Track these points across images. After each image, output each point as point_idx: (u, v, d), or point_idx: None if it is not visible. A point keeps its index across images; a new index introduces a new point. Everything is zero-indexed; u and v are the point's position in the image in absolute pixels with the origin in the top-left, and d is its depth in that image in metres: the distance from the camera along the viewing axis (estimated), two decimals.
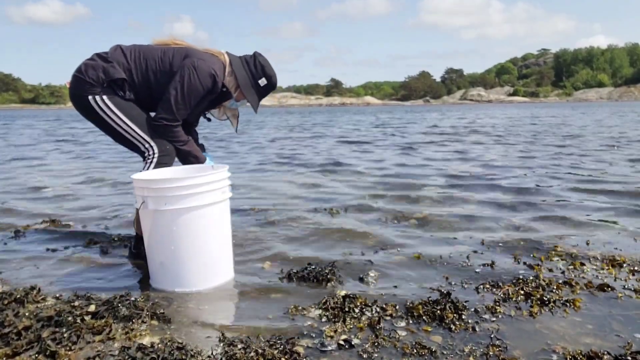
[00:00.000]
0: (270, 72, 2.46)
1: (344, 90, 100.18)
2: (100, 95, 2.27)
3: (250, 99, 2.44)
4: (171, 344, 1.54)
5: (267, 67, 2.44)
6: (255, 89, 2.44)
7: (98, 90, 2.27)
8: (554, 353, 1.53)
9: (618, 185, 4.40)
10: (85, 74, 2.27)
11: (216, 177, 2.07)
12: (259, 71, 2.43)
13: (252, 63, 2.44)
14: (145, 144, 2.34)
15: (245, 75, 2.42)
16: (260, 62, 2.44)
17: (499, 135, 11.02)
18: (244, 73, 2.42)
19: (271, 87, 2.48)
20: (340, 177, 5.27)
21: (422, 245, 2.70)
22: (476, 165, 6.09)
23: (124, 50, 2.34)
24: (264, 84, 2.45)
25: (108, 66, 2.27)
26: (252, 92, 2.43)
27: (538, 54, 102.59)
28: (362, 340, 1.61)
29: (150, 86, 2.32)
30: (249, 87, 2.42)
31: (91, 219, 3.41)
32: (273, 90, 2.53)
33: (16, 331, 1.61)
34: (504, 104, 69.13)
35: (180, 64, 2.30)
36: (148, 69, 2.31)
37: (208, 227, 2.08)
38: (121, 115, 2.29)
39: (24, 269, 2.39)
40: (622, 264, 2.33)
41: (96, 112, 2.30)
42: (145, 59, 2.32)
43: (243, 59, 2.46)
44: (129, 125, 2.31)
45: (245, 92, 2.42)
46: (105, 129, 2.37)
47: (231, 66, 2.41)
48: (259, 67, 2.43)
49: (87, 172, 5.85)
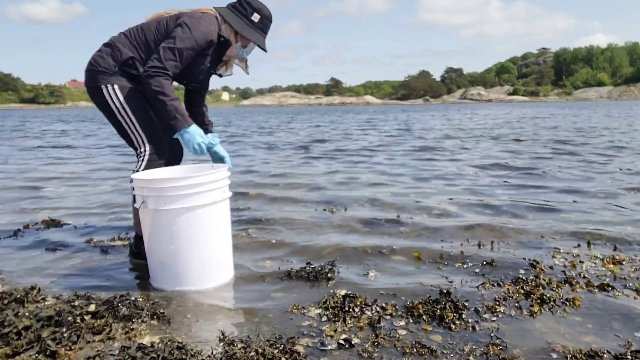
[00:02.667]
0: (258, 5, 2.49)
1: (344, 89, 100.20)
2: (112, 85, 2.33)
3: (253, 38, 2.48)
4: (171, 343, 1.54)
5: (253, 2, 2.48)
6: (252, 27, 2.48)
7: (112, 79, 2.34)
8: (554, 352, 1.53)
9: (617, 186, 4.40)
10: (97, 65, 2.35)
11: (216, 176, 2.07)
12: (247, 9, 2.48)
13: (239, 5, 2.49)
14: (139, 140, 2.36)
15: (237, 19, 2.47)
16: (246, 0, 2.48)
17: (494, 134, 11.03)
18: (235, 17, 2.47)
19: (266, 18, 2.51)
20: (339, 177, 5.26)
21: (422, 245, 2.69)
22: (475, 165, 6.09)
23: (125, 32, 2.43)
24: (258, 18, 2.48)
25: (114, 51, 2.35)
26: (251, 31, 2.48)
27: (538, 53, 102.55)
28: (362, 340, 1.61)
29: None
30: (246, 27, 2.47)
31: (91, 218, 3.41)
32: (270, 21, 2.55)
33: (16, 331, 1.61)
34: (503, 104, 69.11)
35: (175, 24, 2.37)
36: (148, 42, 2.38)
37: (208, 226, 2.08)
38: (127, 108, 2.33)
39: (23, 269, 2.39)
40: (622, 262, 2.33)
41: (107, 102, 2.35)
42: (144, 33, 2.39)
43: (229, 6, 2.51)
44: (130, 119, 2.34)
45: (244, 33, 2.46)
46: (111, 119, 2.41)
47: (221, 15, 2.46)
48: (246, 5, 2.48)
49: (88, 172, 5.85)
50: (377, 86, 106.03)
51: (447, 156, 7.06)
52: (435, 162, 6.38)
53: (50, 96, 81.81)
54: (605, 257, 2.40)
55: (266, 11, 2.51)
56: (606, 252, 2.50)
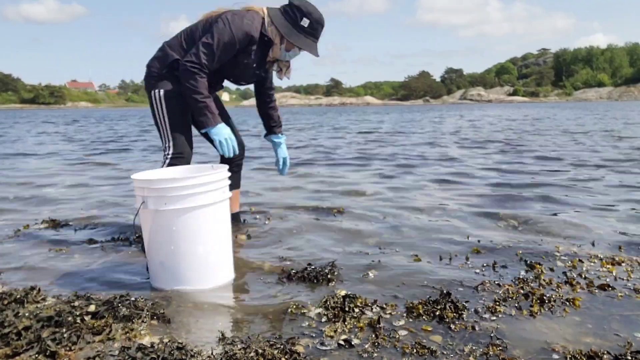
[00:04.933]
0: (308, 9, 2.48)
1: (344, 89, 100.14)
2: (159, 90, 2.49)
3: (299, 43, 2.48)
4: (171, 344, 1.54)
5: (303, 7, 2.47)
6: (300, 32, 2.47)
7: (159, 85, 2.49)
8: (554, 352, 1.53)
9: (618, 185, 4.40)
10: (149, 69, 2.53)
11: (216, 177, 2.07)
12: (296, 13, 2.47)
13: (289, 9, 2.49)
14: (167, 143, 2.51)
15: (284, 23, 2.47)
16: (296, 5, 2.48)
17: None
18: (283, 21, 2.47)
19: (316, 22, 2.49)
20: (339, 178, 5.26)
21: (422, 245, 2.69)
22: (473, 165, 6.09)
23: (178, 34, 2.54)
24: (307, 23, 2.47)
25: (162, 54, 2.50)
26: (297, 36, 2.47)
27: (538, 54, 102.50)
28: (362, 340, 1.61)
29: None
30: (292, 31, 2.47)
31: (91, 218, 3.41)
32: (322, 26, 2.53)
33: (16, 331, 1.61)
34: (504, 104, 69.12)
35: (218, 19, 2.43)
36: (195, 41, 2.44)
37: (208, 227, 2.08)
38: (165, 112, 2.49)
39: (23, 269, 2.39)
40: (622, 263, 2.33)
41: (152, 105, 2.53)
42: (192, 32, 2.49)
43: (281, 9, 2.52)
44: (165, 122, 2.51)
45: (291, 38, 2.47)
46: (153, 119, 2.58)
47: (270, 17, 2.48)
48: (296, 9, 2.47)
49: (88, 172, 5.86)
50: (377, 87, 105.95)
51: (448, 157, 7.06)
52: (435, 163, 6.38)
53: (50, 96, 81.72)
54: (605, 258, 2.40)
55: (316, 15, 2.49)
56: (606, 253, 2.50)
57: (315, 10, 2.49)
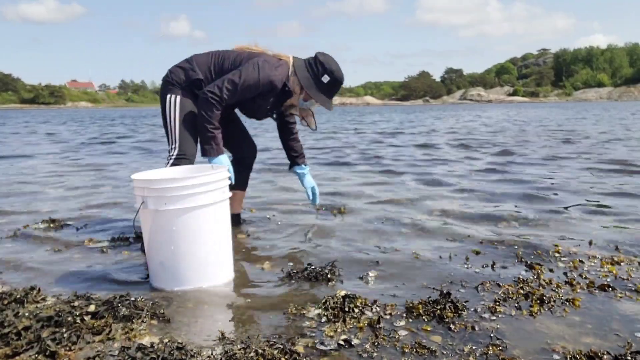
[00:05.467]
0: (331, 67, 2.58)
1: (344, 90, 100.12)
2: (176, 96, 2.58)
3: (316, 97, 2.60)
4: (171, 344, 1.54)
5: (326, 64, 2.58)
6: (318, 87, 2.59)
7: (177, 91, 2.59)
8: (554, 352, 1.53)
9: (618, 185, 4.40)
10: (170, 76, 2.62)
11: (216, 177, 2.07)
12: (319, 69, 2.57)
13: (314, 63, 2.59)
14: (174, 144, 2.58)
15: (306, 76, 2.58)
16: (320, 60, 2.59)
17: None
18: (306, 74, 2.59)
19: (335, 81, 2.60)
20: (338, 178, 5.26)
21: (422, 245, 2.69)
22: (473, 166, 6.09)
23: (210, 54, 2.65)
24: (327, 80, 2.59)
25: (189, 69, 2.59)
26: (315, 90, 2.59)
27: (538, 54, 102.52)
28: (362, 340, 1.61)
29: None
30: (312, 85, 2.58)
31: (91, 218, 3.41)
32: (340, 84, 2.65)
33: (16, 331, 1.61)
34: (504, 104, 69.12)
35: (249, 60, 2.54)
36: (223, 70, 2.57)
37: (208, 227, 2.08)
38: (177, 115, 2.57)
39: (23, 269, 2.39)
40: (621, 263, 2.33)
41: (165, 108, 2.61)
42: (222, 60, 2.59)
43: (306, 61, 2.64)
44: (175, 123, 2.58)
45: (310, 91, 2.59)
46: (163, 121, 2.66)
47: (294, 67, 2.59)
48: (319, 65, 2.58)
49: (88, 173, 5.85)
50: (377, 87, 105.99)
51: (448, 158, 7.06)
52: (435, 163, 6.39)
53: (50, 96, 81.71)
54: (605, 258, 2.40)
55: (338, 74, 2.60)
56: (606, 253, 2.50)
57: (337, 69, 2.61)
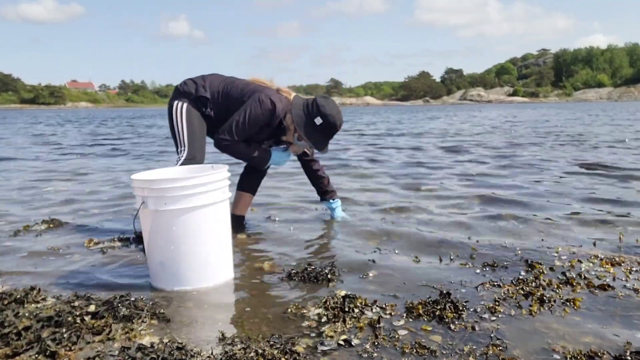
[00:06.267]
0: (327, 110, 2.62)
1: (344, 90, 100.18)
2: (184, 104, 2.71)
3: (307, 137, 2.64)
4: (171, 344, 1.54)
5: (322, 107, 2.62)
6: (309, 128, 2.63)
7: (185, 100, 2.72)
8: (554, 352, 1.53)
9: (619, 185, 4.40)
10: (182, 87, 2.75)
11: (216, 177, 2.07)
12: (314, 110, 2.62)
13: (311, 103, 2.64)
14: (182, 147, 2.67)
15: (300, 115, 2.63)
16: (317, 102, 2.64)
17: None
18: (300, 112, 2.64)
19: (328, 124, 2.63)
20: (338, 178, 5.26)
21: (422, 245, 2.69)
22: (473, 167, 6.09)
23: (223, 78, 2.79)
24: (319, 122, 2.62)
25: (199, 85, 2.72)
26: (306, 131, 2.63)
27: (538, 54, 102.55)
28: (362, 340, 1.61)
29: (228, 109, 2.69)
30: (303, 125, 2.62)
31: (91, 218, 3.41)
32: (335, 129, 2.68)
33: (16, 331, 1.61)
34: (504, 104, 69.11)
35: (250, 96, 2.64)
36: (230, 95, 2.69)
37: (208, 227, 2.08)
38: (184, 121, 2.68)
39: (23, 269, 2.39)
40: (621, 263, 2.33)
41: (172, 114, 2.73)
42: (232, 88, 2.71)
43: (305, 101, 2.69)
44: (182, 129, 2.68)
45: (299, 130, 2.63)
46: (170, 128, 2.76)
47: (291, 104, 2.65)
48: (315, 107, 2.62)
49: (88, 173, 5.86)
50: (377, 87, 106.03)
51: (448, 156, 7.06)
52: (435, 164, 6.39)
53: (50, 97, 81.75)
54: (605, 258, 2.40)
55: (332, 119, 2.63)
56: (606, 253, 2.50)
57: (334, 114, 2.63)
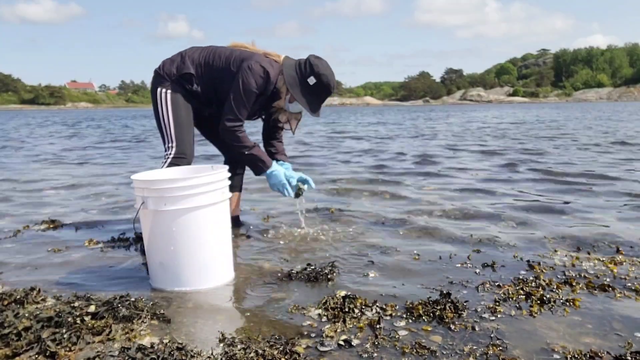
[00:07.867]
0: (320, 70, 2.45)
1: (344, 90, 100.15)
2: (167, 89, 2.53)
3: (298, 99, 2.47)
4: (171, 344, 1.54)
5: (315, 66, 2.46)
6: (302, 88, 2.46)
7: (167, 84, 2.54)
8: (554, 352, 1.53)
9: (618, 186, 4.40)
10: (161, 69, 2.57)
11: (216, 177, 2.07)
12: (307, 70, 2.45)
13: (304, 63, 2.49)
14: (170, 143, 2.52)
15: (293, 75, 2.46)
16: (311, 62, 2.48)
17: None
18: (292, 73, 2.47)
19: (322, 85, 2.46)
20: (337, 178, 5.26)
21: (422, 245, 2.69)
22: (473, 167, 6.09)
23: (203, 49, 2.59)
24: (313, 82, 2.45)
25: (180, 62, 2.54)
26: (298, 92, 2.45)
27: (537, 54, 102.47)
28: (362, 340, 1.61)
29: (214, 81, 2.53)
30: (295, 85, 2.45)
31: (91, 218, 3.41)
32: (328, 90, 2.50)
33: (16, 332, 1.61)
34: (504, 104, 69.13)
35: (239, 65, 2.46)
36: (213, 66, 2.51)
37: (208, 227, 2.08)
38: (170, 111, 2.52)
39: (23, 270, 2.39)
40: (622, 263, 2.33)
41: (156, 102, 2.55)
42: (214, 58, 2.53)
43: (297, 62, 2.53)
44: (169, 121, 2.53)
45: (292, 90, 2.46)
46: (155, 118, 2.60)
47: (282, 66, 2.48)
48: (308, 66, 2.46)
49: (88, 173, 5.85)
50: (376, 87, 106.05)
51: (448, 155, 7.06)
52: (435, 164, 6.38)
53: (50, 97, 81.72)
54: (605, 258, 2.40)
55: (326, 79, 2.47)
56: (606, 253, 2.50)
57: (327, 73, 2.47)
